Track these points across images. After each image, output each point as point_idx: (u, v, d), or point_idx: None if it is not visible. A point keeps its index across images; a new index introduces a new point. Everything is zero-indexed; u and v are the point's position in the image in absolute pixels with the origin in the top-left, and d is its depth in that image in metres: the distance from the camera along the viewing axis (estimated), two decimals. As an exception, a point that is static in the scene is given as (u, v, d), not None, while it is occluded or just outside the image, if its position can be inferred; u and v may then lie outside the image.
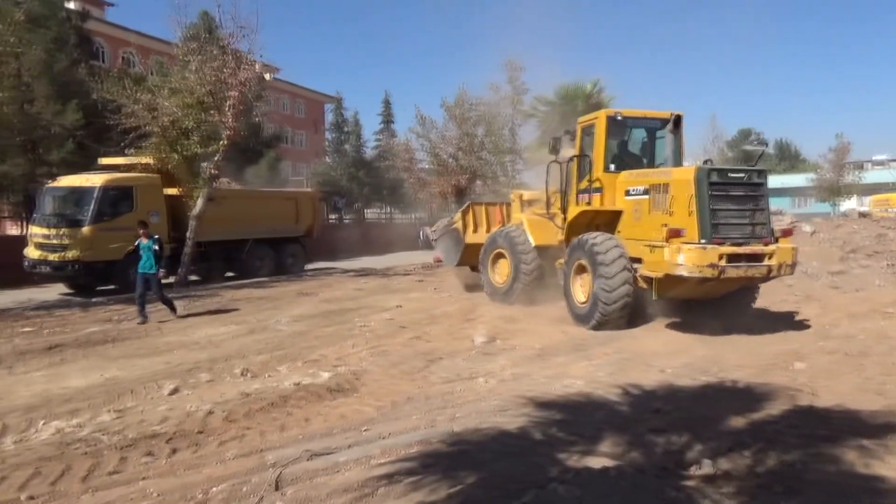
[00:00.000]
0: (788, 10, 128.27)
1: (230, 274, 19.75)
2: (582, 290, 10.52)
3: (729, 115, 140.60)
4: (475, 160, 23.68)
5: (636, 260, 9.80)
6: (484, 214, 14.94)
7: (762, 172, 9.63)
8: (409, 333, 9.80)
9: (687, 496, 4.08)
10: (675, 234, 8.97)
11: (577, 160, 11.39)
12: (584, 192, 11.13)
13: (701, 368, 7.49)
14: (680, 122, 10.85)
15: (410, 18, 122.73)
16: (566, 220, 11.30)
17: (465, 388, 6.78)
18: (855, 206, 42.43)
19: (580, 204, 11.13)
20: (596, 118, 10.99)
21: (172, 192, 17.28)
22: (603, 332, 9.73)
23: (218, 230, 18.13)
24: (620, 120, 10.98)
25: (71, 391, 6.87)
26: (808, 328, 9.93)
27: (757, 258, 9.02)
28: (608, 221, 10.75)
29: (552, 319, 10.71)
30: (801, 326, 10.11)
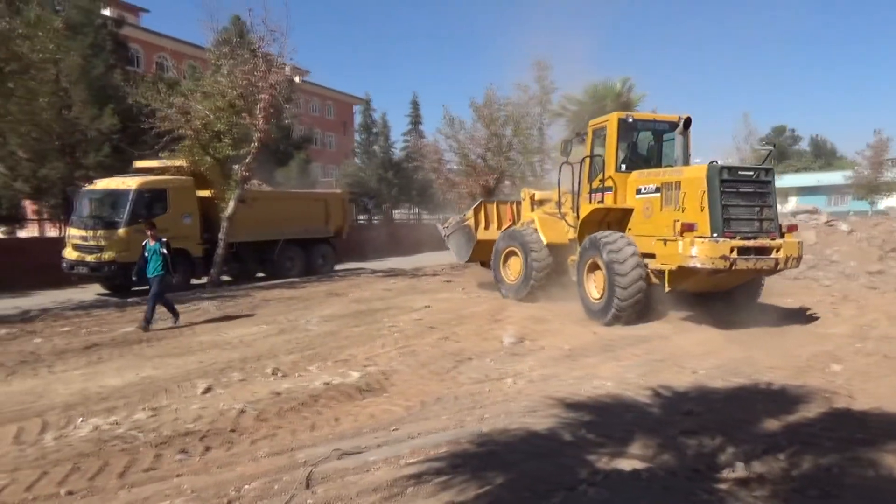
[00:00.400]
0: (822, 4, 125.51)
1: (261, 274, 20.01)
2: (595, 286, 10.93)
3: (763, 112, 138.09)
4: (503, 160, 23.61)
5: (648, 255, 10.21)
6: (495, 212, 15.42)
7: (769, 171, 10.03)
8: (437, 334, 9.82)
9: (719, 499, 4.03)
10: (688, 228, 9.45)
11: (588, 161, 11.80)
12: (595, 191, 11.54)
13: (734, 370, 7.37)
14: (689, 123, 11.17)
15: (438, 19, 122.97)
16: (579, 217, 11.69)
17: (493, 388, 6.78)
18: (895, 203, 41.33)
19: (592, 203, 11.50)
20: (607, 121, 11.40)
21: (205, 193, 17.55)
22: (633, 332, 9.68)
23: (249, 231, 18.37)
24: (631, 122, 11.39)
25: (108, 389, 7.03)
26: (844, 329, 9.70)
27: (765, 251, 9.43)
28: (619, 219, 11.21)
29: (581, 320, 10.65)
30: (837, 327, 9.88)
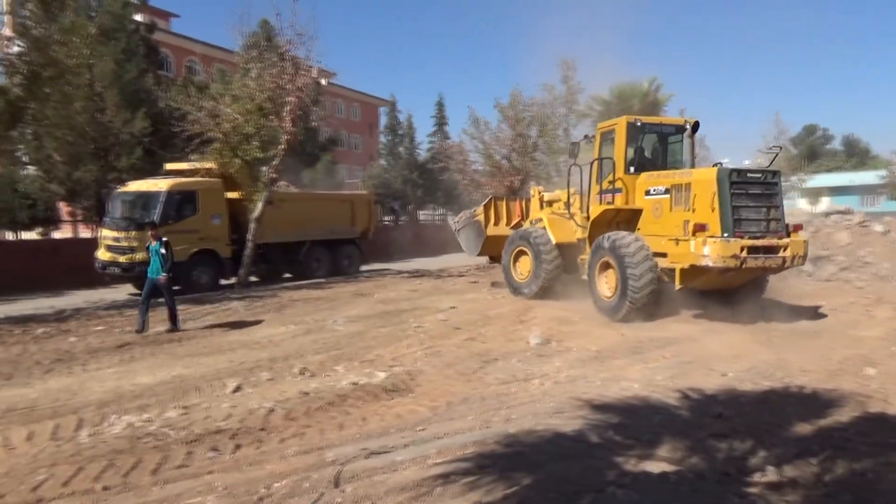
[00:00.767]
0: (854, 1, 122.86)
1: (288, 275, 20.21)
2: (607, 285, 11.25)
3: (794, 111, 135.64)
4: (529, 161, 23.55)
5: (659, 255, 10.57)
6: (504, 209, 15.87)
7: (776, 173, 10.50)
8: (463, 334, 9.83)
9: (750, 503, 3.98)
10: (699, 228, 9.80)
11: (596, 163, 12.12)
12: (605, 192, 11.86)
13: (764, 373, 7.27)
14: (697, 128, 11.93)
15: (463, 20, 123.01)
16: (589, 218, 12.03)
17: (520, 389, 6.77)
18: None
19: (602, 203, 11.80)
20: (616, 124, 11.80)
21: (233, 195, 17.78)
22: (661, 334, 9.61)
23: (276, 232, 18.57)
24: (639, 126, 11.78)
25: (140, 388, 7.17)
26: (879, 332, 9.50)
27: (773, 250, 9.87)
28: (628, 219, 11.58)
29: (609, 321, 10.57)
30: (871, 330, 9.69)
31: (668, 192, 10.77)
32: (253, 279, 18.40)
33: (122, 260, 15.97)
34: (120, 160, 21.78)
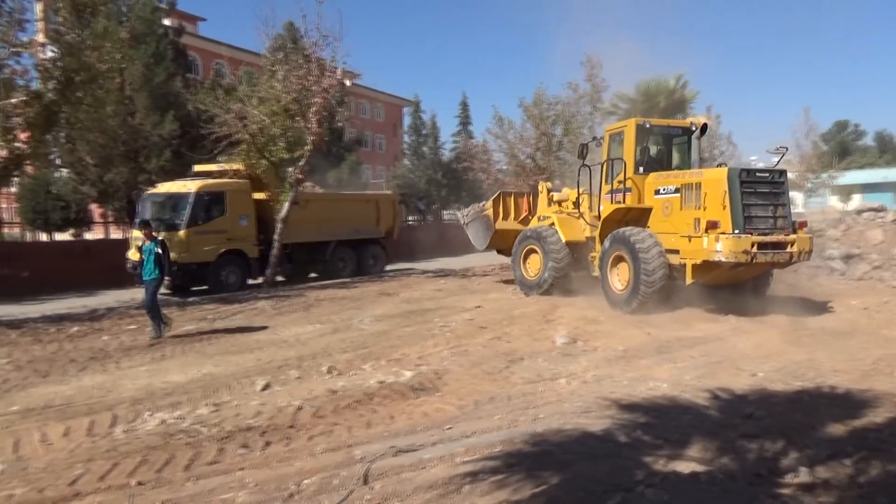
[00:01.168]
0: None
1: (313, 275, 20.39)
2: (619, 279, 11.73)
3: (824, 106, 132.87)
4: (553, 160, 23.43)
5: (670, 251, 11.03)
6: (512, 203, 16.51)
7: (783, 172, 11.04)
8: (489, 334, 9.83)
9: (782, 504, 3.93)
10: (712, 226, 10.22)
11: (605, 164, 12.54)
12: (615, 192, 12.24)
13: (795, 373, 7.16)
14: (706, 130, 12.49)
15: (486, 18, 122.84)
16: (600, 217, 12.50)
17: (546, 388, 6.76)
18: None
19: (613, 203, 12.20)
20: (625, 126, 12.31)
21: (260, 196, 17.99)
22: (688, 334, 9.55)
23: (303, 232, 18.75)
24: (648, 128, 12.26)
25: (172, 385, 7.30)
26: (915, 332, 9.31)
27: (781, 246, 10.36)
28: (637, 218, 11.99)
29: (635, 321, 10.49)
30: (906, 330, 9.48)
31: (678, 191, 11.21)
32: (279, 279, 18.60)
33: (152, 260, 16.21)
34: (149, 162, 22.16)
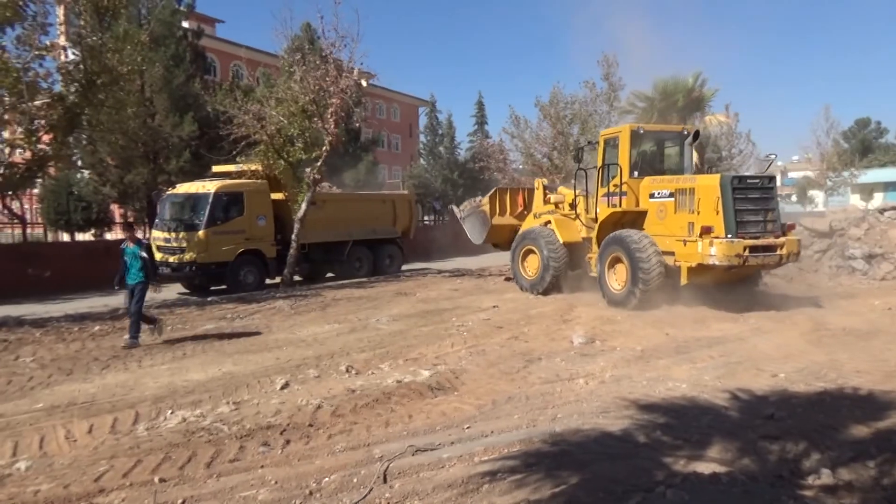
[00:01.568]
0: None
1: (330, 274, 20.48)
2: (616, 279, 12.16)
3: (845, 104, 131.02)
4: (570, 160, 23.35)
5: (665, 253, 11.48)
6: (508, 199, 17.04)
7: (772, 178, 11.95)
8: (506, 333, 9.83)
9: (804, 506, 3.90)
10: (706, 231, 10.73)
11: (602, 168, 13.07)
12: (611, 195, 12.74)
13: (816, 373, 7.09)
14: (698, 136, 13.13)
15: (503, 17, 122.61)
16: (597, 219, 13.02)
17: (564, 388, 6.75)
18: None
19: (609, 206, 12.70)
20: (620, 132, 12.82)
21: (278, 196, 18.10)
22: (707, 334, 9.50)
23: (320, 232, 18.83)
24: (642, 133, 12.79)
25: (192, 384, 7.38)
26: (939, 333, 9.16)
27: (771, 249, 10.91)
28: (633, 220, 12.45)
29: (653, 321, 10.43)
30: (931, 331, 9.35)
31: (672, 195, 11.70)
32: (297, 279, 18.68)
33: (171, 260, 16.40)
34: (169, 163, 22.39)
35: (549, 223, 14.55)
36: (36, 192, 22.61)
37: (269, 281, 17.79)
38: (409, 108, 60.13)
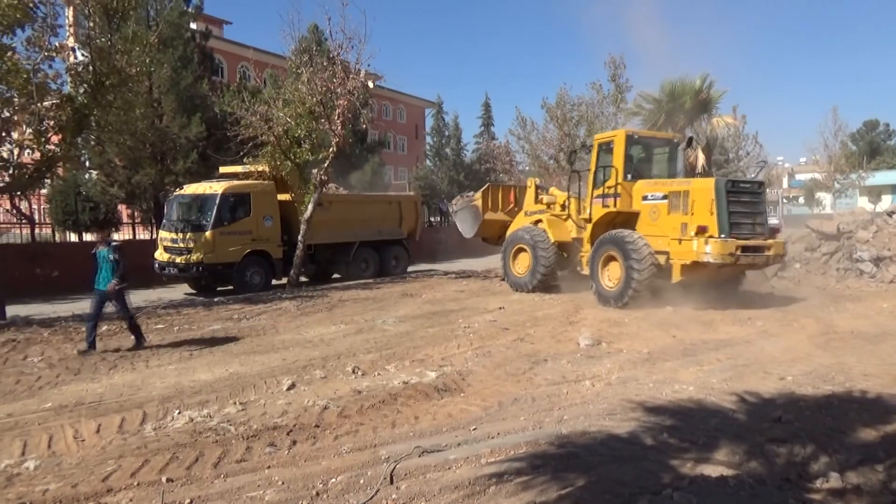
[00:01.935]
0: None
1: (336, 275, 20.52)
2: (609, 277, 12.65)
3: (853, 105, 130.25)
4: (577, 161, 23.32)
5: (658, 252, 11.94)
6: (500, 195, 17.63)
7: (761, 184, 12.64)
8: (512, 335, 9.83)
9: (812, 510, 3.88)
10: (701, 230, 11.26)
11: (596, 170, 13.49)
12: (605, 196, 13.16)
13: (824, 377, 7.06)
14: (692, 142, 14.17)
15: (510, 18, 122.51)
16: (591, 219, 13.52)
17: (571, 390, 6.74)
18: None
19: (604, 207, 13.15)
20: (615, 136, 13.39)
21: (284, 197, 18.15)
22: (714, 336, 9.47)
23: (326, 233, 18.88)
24: (636, 139, 13.51)
25: (199, 384, 7.41)
26: (948, 336, 9.11)
27: (760, 249, 11.53)
28: (625, 221, 12.99)
29: (660, 323, 10.42)
30: (940, 334, 9.29)
31: (665, 197, 12.26)
32: (303, 279, 18.74)
33: (179, 261, 16.48)
34: (176, 164, 22.45)
35: (539, 222, 15.07)
36: (44, 192, 22.65)
37: (275, 282, 17.85)
38: (415, 109, 60.15)
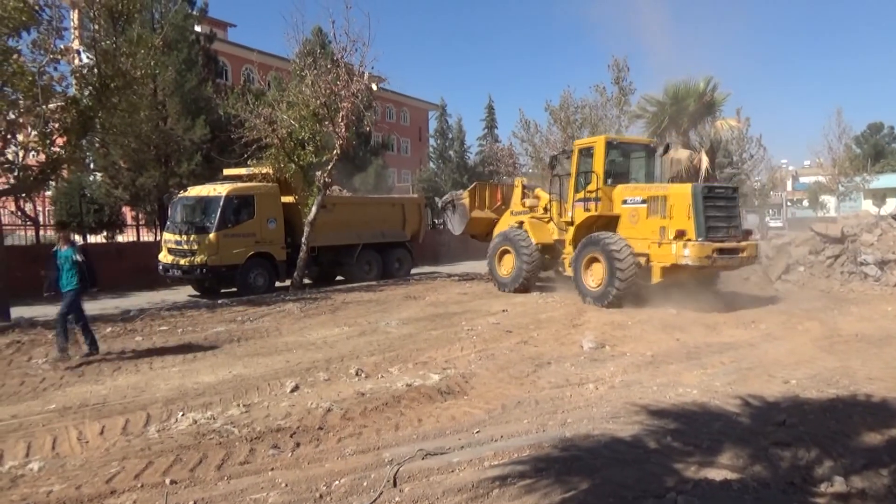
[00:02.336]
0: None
1: (340, 277, 20.51)
2: (592, 278, 13.12)
3: (858, 108, 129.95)
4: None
5: (639, 254, 12.41)
6: (487, 193, 18.25)
7: (735, 189, 13.34)
8: (515, 338, 9.83)
9: (817, 514, 3.87)
10: (680, 234, 11.76)
11: (574, 175, 13.95)
12: (583, 200, 13.67)
13: (828, 380, 7.04)
14: (668, 149, 14.84)
15: (513, 20, 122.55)
16: (573, 222, 13.96)
17: (574, 393, 6.74)
18: None
19: (585, 210, 13.60)
20: (595, 142, 13.86)
21: (288, 199, 18.16)
22: (718, 339, 9.47)
23: (329, 235, 18.87)
24: (616, 144, 13.95)
25: (203, 386, 7.41)
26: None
27: (735, 251, 12.07)
28: (606, 224, 13.47)
29: (663, 326, 10.41)
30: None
31: (644, 202, 12.77)
32: (306, 281, 18.74)
33: (182, 263, 16.50)
34: (181, 166, 22.50)
35: (522, 224, 15.60)
36: (49, 194, 22.74)
37: (278, 284, 17.85)
38: (418, 111, 60.21)
